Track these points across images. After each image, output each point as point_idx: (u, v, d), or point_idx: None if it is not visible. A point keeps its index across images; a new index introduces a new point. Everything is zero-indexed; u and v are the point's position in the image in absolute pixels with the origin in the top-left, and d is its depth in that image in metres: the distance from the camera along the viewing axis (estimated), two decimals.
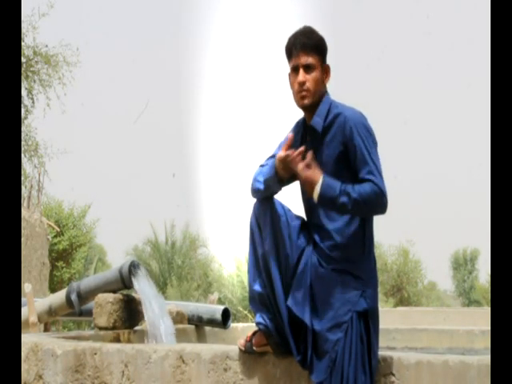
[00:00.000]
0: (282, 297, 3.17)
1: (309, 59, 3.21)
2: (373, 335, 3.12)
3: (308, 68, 3.22)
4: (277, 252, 3.19)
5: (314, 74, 3.22)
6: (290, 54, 3.26)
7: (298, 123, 3.40)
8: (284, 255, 3.19)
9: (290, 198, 3.55)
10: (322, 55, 3.26)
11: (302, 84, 3.21)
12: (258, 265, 3.28)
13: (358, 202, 3.04)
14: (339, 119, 3.19)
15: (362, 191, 3.05)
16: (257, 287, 3.28)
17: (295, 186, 3.41)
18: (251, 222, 3.32)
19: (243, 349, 3.43)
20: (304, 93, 3.22)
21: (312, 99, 3.23)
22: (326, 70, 3.28)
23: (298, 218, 3.30)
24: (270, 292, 3.21)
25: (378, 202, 3.07)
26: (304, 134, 3.33)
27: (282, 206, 3.28)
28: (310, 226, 3.30)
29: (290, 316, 3.16)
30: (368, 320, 3.12)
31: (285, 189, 3.43)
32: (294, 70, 3.24)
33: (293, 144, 3.33)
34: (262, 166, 3.37)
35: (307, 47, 3.21)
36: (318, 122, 3.23)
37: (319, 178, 3.08)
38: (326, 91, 3.29)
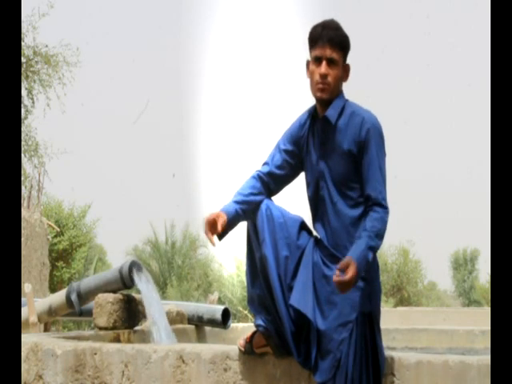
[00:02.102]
0: (281, 299, 3.15)
1: (333, 54, 3.17)
2: (377, 335, 3.12)
3: (331, 62, 3.18)
4: (275, 254, 3.17)
5: (336, 71, 3.19)
6: (314, 43, 3.21)
7: (309, 112, 3.33)
8: (283, 257, 3.18)
9: (293, 196, 3.55)
10: (345, 53, 3.23)
11: (324, 76, 3.17)
12: (256, 268, 3.27)
13: (379, 244, 3.07)
14: (355, 119, 3.17)
15: (376, 230, 3.05)
16: (255, 289, 3.28)
17: (299, 183, 3.40)
18: (248, 227, 3.32)
19: (243, 350, 3.43)
20: (324, 86, 3.18)
21: (330, 95, 3.20)
22: (345, 69, 3.25)
23: (297, 217, 3.28)
24: (268, 294, 3.20)
25: (386, 223, 3.10)
26: (312, 125, 3.30)
27: (278, 208, 3.27)
28: (314, 223, 3.29)
29: (290, 317, 3.14)
30: (372, 320, 3.11)
31: (288, 186, 3.44)
32: (317, 60, 3.19)
33: (298, 135, 3.31)
34: (265, 163, 3.38)
35: (333, 42, 3.17)
36: (332, 114, 3.20)
37: (354, 270, 2.95)
38: (341, 90, 3.26)
